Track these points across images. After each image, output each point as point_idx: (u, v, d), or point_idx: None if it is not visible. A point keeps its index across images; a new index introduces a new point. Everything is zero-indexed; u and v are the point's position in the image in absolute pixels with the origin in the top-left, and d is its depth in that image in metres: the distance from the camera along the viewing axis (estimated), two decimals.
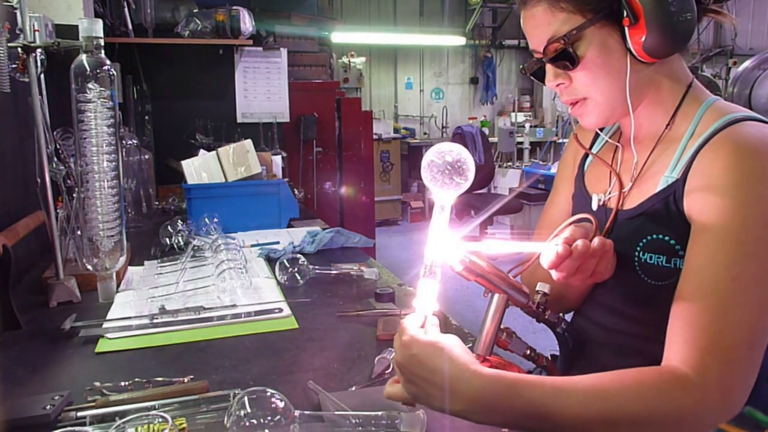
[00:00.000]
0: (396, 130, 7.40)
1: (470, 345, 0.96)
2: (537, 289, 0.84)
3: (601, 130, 1.01)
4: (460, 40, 7.65)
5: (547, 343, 0.97)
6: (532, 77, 0.91)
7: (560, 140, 7.00)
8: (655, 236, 0.82)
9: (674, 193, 0.80)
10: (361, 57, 7.06)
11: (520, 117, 7.62)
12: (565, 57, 0.82)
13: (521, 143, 6.98)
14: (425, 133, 7.87)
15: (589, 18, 0.79)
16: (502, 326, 0.82)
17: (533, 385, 0.66)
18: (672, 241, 0.80)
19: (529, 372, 0.97)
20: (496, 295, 0.82)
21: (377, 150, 6.63)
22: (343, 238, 1.72)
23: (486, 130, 6.64)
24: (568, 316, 0.99)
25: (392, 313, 1.15)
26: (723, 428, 0.41)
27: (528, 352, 0.85)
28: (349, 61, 6.94)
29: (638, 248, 0.84)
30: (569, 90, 0.86)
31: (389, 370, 0.89)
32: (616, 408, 0.66)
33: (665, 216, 0.81)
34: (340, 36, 6.20)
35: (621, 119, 0.90)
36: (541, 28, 0.83)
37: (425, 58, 7.84)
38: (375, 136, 5.56)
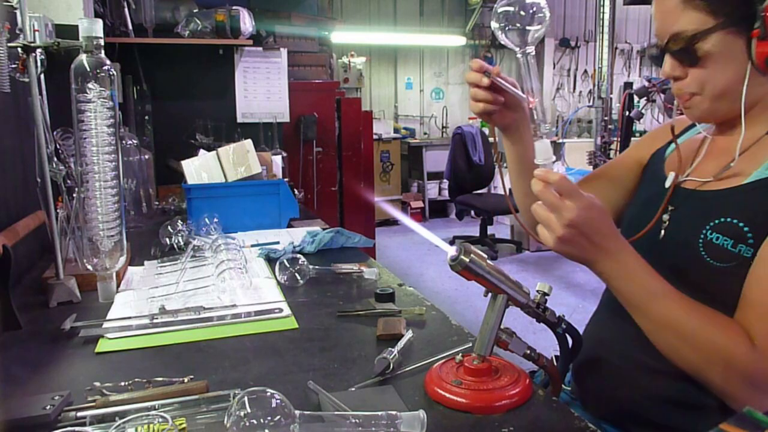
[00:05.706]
0: (396, 130, 7.40)
1: (470, 345, 0.96)
2: (537, 289, 0.85)
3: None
4: (460, 40, 7.64)
5: (547, 343, 0.97)
6: (650, 59, 0.95)
7: (560, 140, 6.99)
8: (728, 219, 0.84)
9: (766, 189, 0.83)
10: (361, 57, 7.05)
11: None
12: (686, 54, 0.83)
13: None
14: (425, 133, 7.87)
15: (720, 22, 0.80)
16: (502, 326, 0.82)
17: (654, 277, 0.81)
18: (746, 228, 0.82)
19: (530, 372, 0.97)
20: (497, 295, 0.82)
21: (377, 150, 6.64)
22: (343, 238, 1.72)
23: (486, 130, 6.64)
24: (569, 316, 0.98)
25: (392, 312, 1.14)
26: (723, 428, 0.41)
27: (528, 352, 0.85)
28: (349, 61, 6.94)
29: (708, 226, 0.86)
30: (682, 84, 0.88)
31: (389, 370, 0.89)
32: (692, 333, 0.79)
33: (747, 205, 0.83)
34: (340, 36, 6.19)
35: (723, 119, 0.92)
36: (669, 18, 0.84)
37: (425, 58, 7.84)
38: (375, 136, 5.56)
